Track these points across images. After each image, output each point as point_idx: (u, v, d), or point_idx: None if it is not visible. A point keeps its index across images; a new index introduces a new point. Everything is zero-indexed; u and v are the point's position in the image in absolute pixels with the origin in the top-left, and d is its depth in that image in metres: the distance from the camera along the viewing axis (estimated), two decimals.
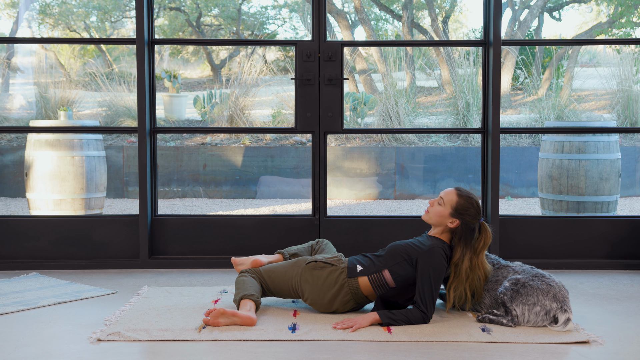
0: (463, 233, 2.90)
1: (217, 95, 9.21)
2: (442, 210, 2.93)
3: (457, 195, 2.93)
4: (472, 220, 2.90)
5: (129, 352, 2.52)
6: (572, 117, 8.46)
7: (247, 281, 2.99)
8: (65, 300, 3.26)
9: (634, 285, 3.66)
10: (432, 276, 2.82)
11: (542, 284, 2.81)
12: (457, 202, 2.91)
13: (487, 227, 2.92)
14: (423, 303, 2.81)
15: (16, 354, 2.49)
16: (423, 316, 2.81)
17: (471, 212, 2.90)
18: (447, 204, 2.92)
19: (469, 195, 2.93)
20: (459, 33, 14.65)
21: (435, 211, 2.94)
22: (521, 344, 2.63)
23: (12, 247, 4.08)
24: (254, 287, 2.97)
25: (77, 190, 5.38)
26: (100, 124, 7.81)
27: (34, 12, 13.56)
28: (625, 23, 11.45)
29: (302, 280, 2.97)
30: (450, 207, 2.92)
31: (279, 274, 3.02)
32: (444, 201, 2.93)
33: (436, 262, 2.84)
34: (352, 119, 8.81)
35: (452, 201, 2.92)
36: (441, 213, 2.93)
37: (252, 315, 2.80)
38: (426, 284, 2.81)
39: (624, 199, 7.41)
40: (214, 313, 2.77)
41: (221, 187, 7.66)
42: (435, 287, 2.83)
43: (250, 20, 14.35)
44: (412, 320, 2.81)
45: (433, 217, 2.96)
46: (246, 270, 3.06)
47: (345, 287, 2.93)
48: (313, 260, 3.00)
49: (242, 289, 2.95)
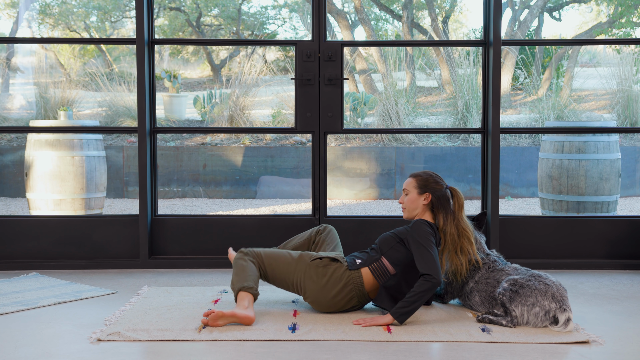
0: (439, 203, 3.03)
1: (217, 95, 9.21)
2: (411, 196, 3.07)
3: (413, 177, 3.11)
4: (438, 187, 3.05)
5: (129, 352, 2.52)
6: (572, 117, 8.46)
7: (247, 267, 2.97)
8: (65, 300, 3.26)
9: (634, 285, 3.66)
10: (423, 242, 2.89)
11: (539, 284, 2.81)
12: (417, 181, 3.07)
13: (456, 190, 3.08)
14: (426, 268, 2.83)
15: (16, 354, 2.49)
16: (431, 280, 2.80)
17: (433, 181, 3.06)
18: (411, 188, 3.07)
19: (424, 171, 3.13)
20: (459, 33, 14.65)
21: (407, 201, 3.08)
22: (521, 344, 2.63)
23: (12, 247, 4.08)
24: (253, 275, 2.95)
25: (77, 190, 5.38)
26: (100, 124, 7.82)
27: (34, 12, 13.57)
28: (625, 23, 11.45)
29: (305, 277, 2.97)
30: (414, 188, 3.06)
31: (282, 267, 3.01)
32: (407, 190, 3.09)
33: (420, 230, 2.93)
34: (352, 119, 8.81)
35: (413, 183, 3.08)
36: (412, 199, 3.06)
37: (250, 315, 2.80)
38: (421, 250, 2.86)
39: (624, 199, 7.41)
40: (213, 316, 2.77)
41: (221, 187, 7.66)
42: (430, 249, 2.87)
43: (250, 20, 14.36)
44: (423, 292, 2.79)
45: (409, 207, 3.08)
46: (246, 252, 3.04)
47: (350, 283, 2.94)
48: (318, 258, 2.99)
49: (241, 278, 2.93)
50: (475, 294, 3.02)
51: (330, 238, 3.24)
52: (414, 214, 3.07)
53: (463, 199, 3.06)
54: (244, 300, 2.87)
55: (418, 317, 2.94)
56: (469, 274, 3.06)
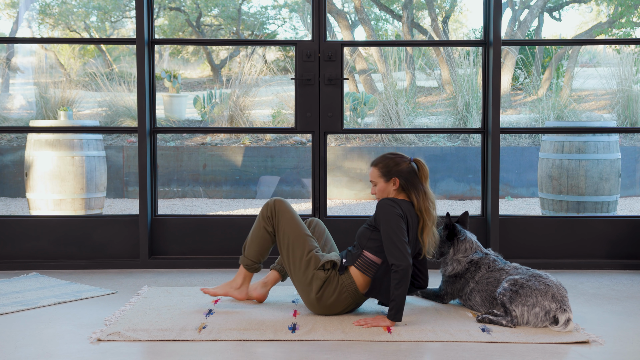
0: (408, 183, 2.97)
1: (217, 95, 9.21)
2: (380, 186, 3.01)
3: (375, 166, 3.02)
4: (402, 166, 2.97)
5: (129, 352, 2.52)
6: (572, 117, 8.45)
7: (259, 235, 3.07)
8: (65, 300, 3.26)
9: (634, 285, 3.66)
10: (386, 227, 2.84)
11: (539, 284, 2.81)
12: (379, 169, 3.00)
13: (419, 161, 3.01)
14: (391, 257, 2.81)
15: (16, 354, 2.49)
16: (398, 270, 2.78)
17: (394, 163, 2.99)
18: (376, 178, 3.01)
19: (382, 156, 3.02)
20: (459, 33, 14.65)
21: (378, 192, 3.02)
22: (521, 344, 2.63)
23: (12, 247, 4.08)
24: (262, 249, 3.08)
25: (77, 190, 5.37)
26: (100, 124, 7.82)
27: (34, 12, 13.56)
28: (625, 23, 11.45)
29: (304, 285, 2.97)
30: (379, 176, 3.00)
31: (298, 275, 3.00)
32: (374, 181, 3.03)
33: (385, 210, 2.88)
34: (352, 119, 8.81)
35: (377, 172, 3.01)
36: (381, 189, 3.01)
37: (241, 296, 3.12)
38: (385, 238, 2.84)
39: (624, 199, 7.41)
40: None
41: (221, 187, 7.66)
42: (393, 234, 2.82)
43: (250, 20, 14.35)
44: (398, 285, 2.77)
45: (381, 197, 3.02)
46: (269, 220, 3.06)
47: (344, 291, 2.93)
48: (322, 267, 2.96)
49: (248, 248, 3.09)
50: (475, 294, 3.02)
51: (319, 232, 3.21)
52: None
53: (427, 170, 3.00)
54: (240, 276, 3.12)
55: (418, 317, 2.94)
56: (470, 275, 3.06)
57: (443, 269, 3.17)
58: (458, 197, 7.53)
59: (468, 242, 3.11)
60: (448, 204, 7.19)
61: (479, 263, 3.06)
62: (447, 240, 3.15)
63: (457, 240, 3.12)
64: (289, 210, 3.06)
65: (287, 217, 3.04)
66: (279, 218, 3.04)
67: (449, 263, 3.13)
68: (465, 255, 3.09)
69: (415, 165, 2.99)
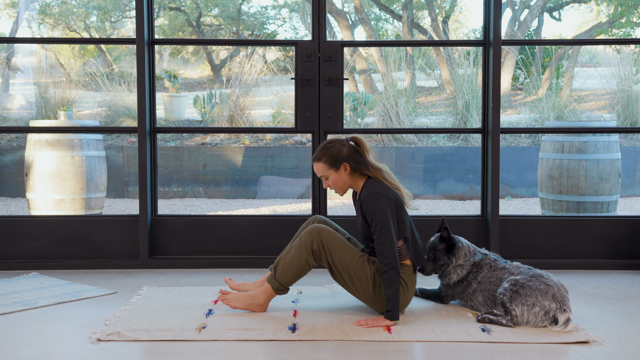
0: (356, 162, 2.94)
1: (217, 95, 9.21)
2: (332, 177, 2.96)
3: (318, 160, 2.96)
4: (343, 151, 2.94)
5: (129, 352, 2.52)
6: (572, 117, 8.46)
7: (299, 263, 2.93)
8: (65, 300, 3.26)
9: (634, 285, 3.66)
10: (375, 226, 2.84)
11: (540, 284, 2.81)
12: (324, 162, 2.95)
13: (357, 138, 2.97)
14: (379, 257, 2.82)
15: (16, 354, 2.49)
16: (387, 270, 2.80)
17: (335, 150, 2.94)
18: (325, 171, 2.96)
19: (321, 148, 2.97)
20: (459, 33, 14.65)
21: (334, 183, 2.97)
22: (521, 344, 2.63)
23: (12, 247, 4.08)
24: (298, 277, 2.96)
25: (77, 190, 5.38)
26: (100, 124, 7.82)
27: (34, 12, 13.57)
28: (625, 23, 11.45)
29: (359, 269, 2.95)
30: (327, 169, 2.95)
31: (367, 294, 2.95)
32: (324, 175, 2.97)
33: (372, 206, 2.86)
34: (352, 119, 8.81)
35: (323, 166, 2.95)
36: (335, 179, 2.96)
37: (261, 311, 3.00)
38: (377, 233, 2.83)
39: (624, 199, 7.41)
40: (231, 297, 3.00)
41: (221, 187, 7.66)
42: (384, 229, 2.81)
43: (250, 20, 14.36)
44: (390, 284, 2.80)
45: (338, 186, 2.98)
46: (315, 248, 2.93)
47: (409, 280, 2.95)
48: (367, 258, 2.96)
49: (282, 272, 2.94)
50: (478, 293, 3.01)
51: (334, 229, 3.16)
52: (347, 188, 2.99)
53: (367, 143, 2.98)
54: (265, 295, 2.98)
55: (418, 317, 2.94)
56: (472, 276, 3.05)
57: (447, 279, 3.12)
58: (458, 197, 7.53)
59: (465, 247, 3.10)
60: (448, 204, 7.19)
61: (480, 264, 3.05)
62: (447, 253, 3.12)
63: (457, 249, 3.10)
64: (335, 236, 2.93)
65: (337, 246, 2.92)
66: (330, 250, 2.91)
67: (452, 272, 3.10)
68: (466, 259, 3.08)
69: (355, 143, 2.98)
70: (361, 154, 2.97)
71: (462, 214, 5.62)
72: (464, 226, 4.12)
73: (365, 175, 2.97)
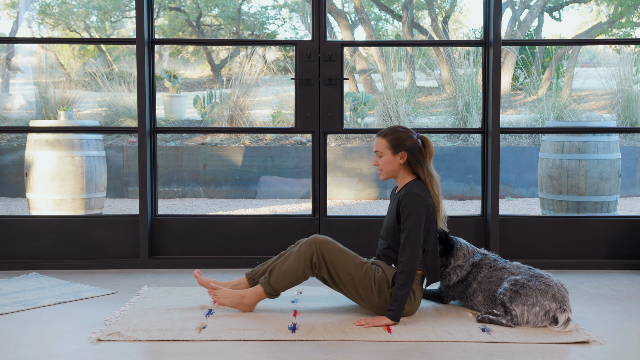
0: (414, 157, 2.93)
1: (217, 95, 9.21)
2: (386, 158, 2.94)
3: (383, 137, 2.94)
4: (411, 142, 2.92)
5: (129, 352, 2.52)
6: (572, 117, 8.46)
7: (295, 272, 2.91)
8: (65, 300, 3.26)
9: (634, 285, 3.66)
10: (413, 222, 2.84)
11: (540, 284, 2.81)
12: (388, 141, 2.93)
13: (426, 138, 2.97)
14: (402, 256, 2.83)
15: (16, 354, 2.49)
16: (405, 272, 2.81)
17: (404, 136, 2.93)
18: (384, 149, 2.93)
19: (391, 128, 2.95)
20: (459, 33, 14.65)
21: (383, 163, 2.95)
22: (521, 344, 2.63)
23: (12, 247, 4.08)
24: (292, 285, 2.95)
25: (77, 190, 5.38)
26: (100, 124, 7.82)
27: (34, 12, 13.57)
28: (625, 23, 11.45)
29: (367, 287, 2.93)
30: (388, 148, 2.93)
31: (372, 301, 2.94)
32: (380, 151, 2.95)
33: (412, 206, 2.86)
34: (352, 119, 8.81)
35: (384, 144, 2.93)
36: (387, 161, 2.94)
37: (247, 310, 2.99)
38: (405, 237, 2.84)
39: (624, 199, 7.41)
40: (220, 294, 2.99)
41: (221, 187, 7.66)
42: (413, 238, 2.82)
43: (250, 20, 14.36)
44: (402, 285, 2.81)
45: (386, 170, 2.96)
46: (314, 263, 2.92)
47: (417, 289, 2.95)
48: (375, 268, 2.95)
49: (277, 279, 2.93)
50: (478, 293, 3.01)
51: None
52: (392, 175, 2.98)
53: (433, 148, 2.98)
54: (255, 297, 2.97)
55: (418, 317, 2.94)
56: (472, 276, 3.05)
57: (446, 280, 3.12)
58: (458, 197, 7.53)
59: (464, 248, 3.10)
60: (448, 204, 7.19)
61: (480, 264, 3.05)
62: (445, 254, 3.12)
63: (455, 250, 3.10)
64: (336, 247, 2.91)
65: (339, 256, 2.90)
66: (332, 262, 2.89)
67: (452, 273, 3.09)
68: (465, 260, 3.08)
69: (421, 142, 2.97)
70: (422, 154, 2.96)
71: (462, 214, 5.62)
72: (464, 226, 4.12)
73: (415, 174, 2.97)
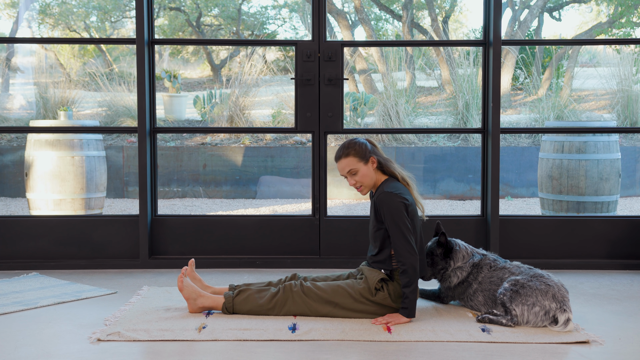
0: (378, 156, 3.00)
1: (217, 95, 9.21)
2: (362, 171, 2.96)
3: (346, 156, 2.96)
4: (366, 146, 2.98)
5: (129, 352, 2.52)
6: (572, 117, 8.46)
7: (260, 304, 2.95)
8: (65, 300, 3.26)
9: (634, 285, 3.66)
10: (395, 218, 2.84)
11: (540, 284, 2.81)
12: (353, 155, 2.95)
13: (368, 139, 3.03)
14: (397, 255, 2.84)
15: (16, 354, 2.49)
16: (404, 269, 2.82)
17: (360, 146, 2.96)
18: (355, 164, 2.95)
19: (345, 146, 2.97)
20: (459, 33, 14.65)
21: (361, 178, 2.97)
22: (521, 344, 2.63)
23: (12, 247, 4.08)
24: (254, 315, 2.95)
25: (77, 190, 5.37)
26: (100, 124, 7.82)
27: (34, 12, 13.57)
28: (625, 23, 11.45)
29: (383, 306, 2.94)
30: (358, 161, 2.96)
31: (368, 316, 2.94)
32: (354, 169, 2.96)
33: (387, 204, 2.87)
34: (352, 119, 8.81)
35: (353, 160, 2.95)
36: (364, 173, 2.96)
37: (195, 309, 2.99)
38: (393, 235, 2.85)
39: (624, 199, 7.41)
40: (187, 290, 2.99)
41: (221, 187, 7.66)
42: (402, 227, 2.83)
43: (250, 20, 14.35)
44: (408, 282, 2.82)
45: (366, 183, 2.98)
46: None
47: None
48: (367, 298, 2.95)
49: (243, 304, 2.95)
50: (479, 294, 3.01)
51: (325, 277, 3.13)
52: (372, 185, 3.00)
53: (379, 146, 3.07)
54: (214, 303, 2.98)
55: (418, 317, 2.94)
56: (473, 277, 3.05)
57: (447, 282, 3.11)
58: (458, 197, 7.53)
59: (463, 249, 3.10)
60: (448, 204, 7.19)
61: (480, 264, 3.05)
62: (445, 257, 3.11)
63: (454, 252, 3.10)
64: (311, 292, 2.92)
65: (313, 299, 2.92)
66: (315, 309, 2.92)
67: (452, 275, 3.09)
68: (465, 261, 3.08)
69: (369, 143, 3.03)
70: (378, 150, 3.03)
71: (462, 214, 5.62)
72: (464, 226, 4.12)
73: (386, 174, 3.01)
